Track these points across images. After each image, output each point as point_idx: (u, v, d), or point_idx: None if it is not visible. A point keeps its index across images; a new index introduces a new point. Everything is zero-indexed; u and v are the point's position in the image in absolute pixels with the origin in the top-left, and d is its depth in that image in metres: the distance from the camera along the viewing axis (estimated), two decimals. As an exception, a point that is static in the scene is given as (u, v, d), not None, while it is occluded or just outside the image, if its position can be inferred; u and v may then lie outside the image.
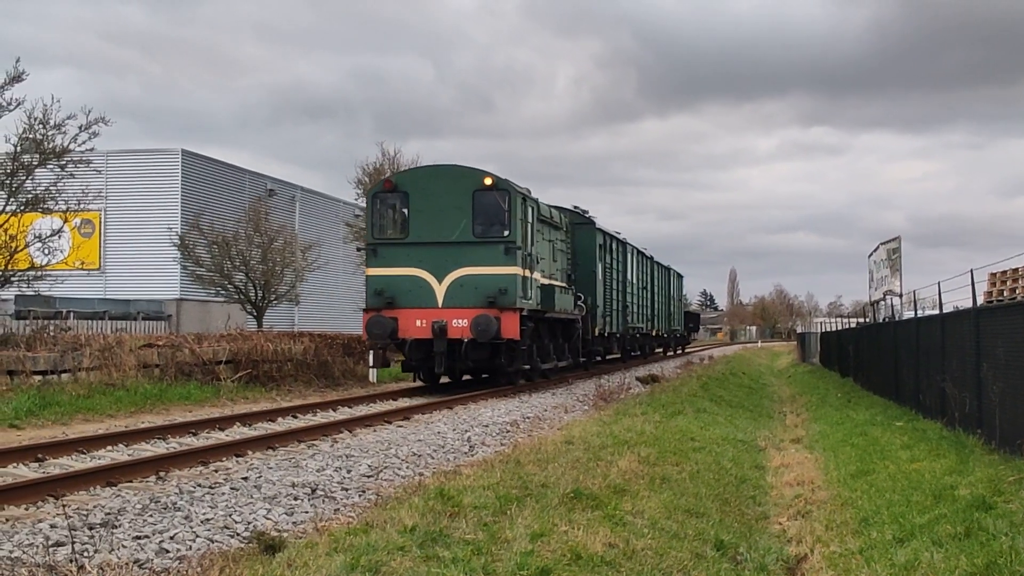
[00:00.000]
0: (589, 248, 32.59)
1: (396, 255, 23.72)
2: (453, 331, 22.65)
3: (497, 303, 22.67)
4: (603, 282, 33.94)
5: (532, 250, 24.88)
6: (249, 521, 9.58)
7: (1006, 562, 7.51)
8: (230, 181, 52.71)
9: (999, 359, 13.75)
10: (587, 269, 32.11)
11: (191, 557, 8.05)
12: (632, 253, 40.64)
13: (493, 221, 23.68)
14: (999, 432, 13.38)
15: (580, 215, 33.08)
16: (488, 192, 23.55)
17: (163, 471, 12.27)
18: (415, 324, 22.95)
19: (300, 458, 13.43)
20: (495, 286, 22.86)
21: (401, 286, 23.34)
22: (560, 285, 28.23)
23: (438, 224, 23.54)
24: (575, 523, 9.08)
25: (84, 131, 27.24)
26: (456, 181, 23.84)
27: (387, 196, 24.56)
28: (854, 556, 8.99)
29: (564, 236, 30.11)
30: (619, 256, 37.53)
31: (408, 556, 7.64)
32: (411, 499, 9.82)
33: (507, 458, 12.90)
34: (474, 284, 23.03)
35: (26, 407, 17.95)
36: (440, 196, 23.67)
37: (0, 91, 26.30)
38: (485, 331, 22.08)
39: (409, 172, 25.82)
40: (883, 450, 15.07)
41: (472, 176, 23.94)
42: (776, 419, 24.43)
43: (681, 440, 15.94)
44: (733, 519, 11.34)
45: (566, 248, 30.43)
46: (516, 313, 22.81)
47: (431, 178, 24.30)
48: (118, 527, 9.05)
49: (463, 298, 22.95)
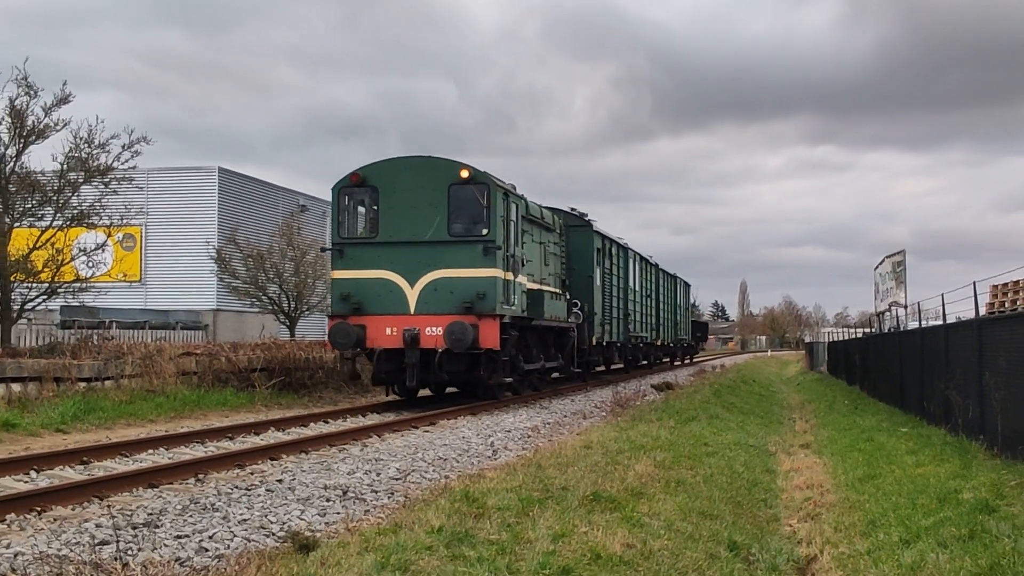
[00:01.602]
0: (586, 252, 29.27)
1: (364, 256, 20.66)
2: (426, 340, 19.70)
3: (475, 309, 19.70)
4: (602, 288, 30.72)
5: (516, 251, 21.72)
6: (284, 521, 9.61)
7: (1009, 563, 7.47)
8: (264, 197, 53.10)
9: (1001, 368, 13.67)
10: (583, 274, 28.98)
11: (229, 556, 8.08)
12: (634, 259, 37.48)
13: (471, 218, 20.48)
14: (1001, 438, 13.31)
15: (576, 217, 29.76)
16: (465, 186, 20.29)
17: (202, 473, 12.35)
18: (385, 332, 19.99)
19: (331, 461, 13.46)
20: (472, 290, 19.85)
21: (370, 290, 20.38)
22: (551, 290, 25.20)
23: (410, 222, 20.41)
24: (594, 524, 9.07)
25: (127, 150, 27.67)
26: (430, 174, 20.62)
27: (354, 191, 21.33)
28: (862, 557, 8.96)
29: (557, 239, 27.12)
30: (620, 262, 34.41)
31: (435, 555, 7.65)
32: (438, 501, 9.82)
33: (529, 462, 12.89)
34: (450, 288, 20.01)
35: (72, 412, 18.04)
36: (413, 191, 20.52)
37: (48, 112, 26.64)
38: (460, 340, 19.12)
39: (378, 164, 21.24)
40: (889, 455, 15.01)
41: (447, 168, 20.66)
42: (786, 425, 24.33)
43: (695, 445, 15.89)
44: (745, 521, 11.30)
45: (559, 251, 27.42)
46: (496, 320, 19.78)
47: (403, 171, 20.94)
48: (160, 527, 9.10)
49: (437, 303, 19.98)
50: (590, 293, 28.89)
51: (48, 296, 28.08)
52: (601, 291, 30.46)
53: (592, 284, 29.23)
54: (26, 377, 20.07)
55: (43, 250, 27.68)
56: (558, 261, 27.04)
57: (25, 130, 26.64)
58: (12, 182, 26.80)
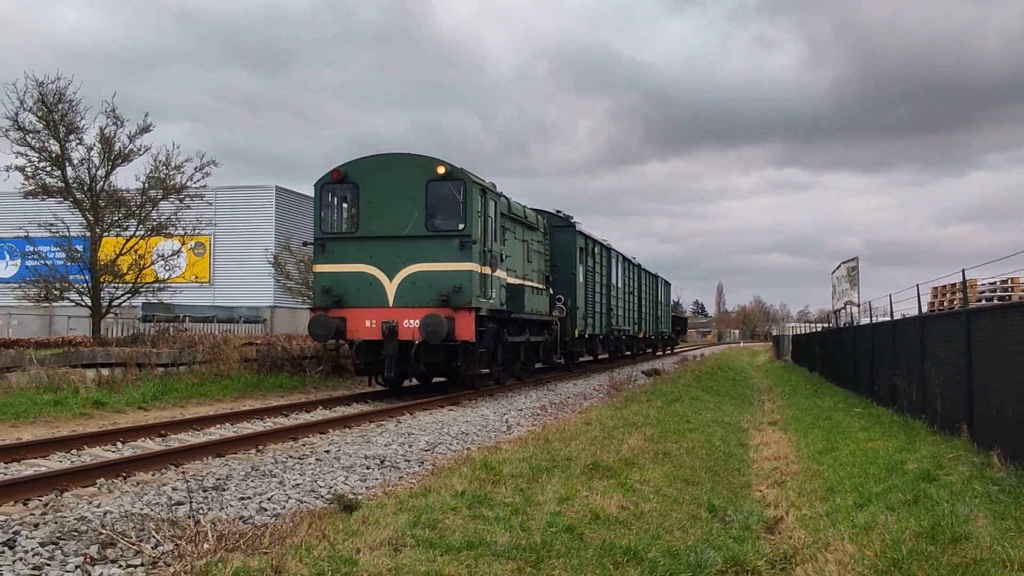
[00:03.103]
0: (569, 250, 26.78)
1: (345, 251, 18.42)
2: (404, 332, 17.60)
3: (451, 302, 17.55)
4: (584, 284, 28.20)
5: (494, 247, 19.28)
6: (330, 486, 9.63)
7: (947, 524, 7.43)
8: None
9: (940, 358, 13.62)
10: (567, 271, 26.50)
11: (285, 515, 8.10)
12: (617, 258, 35.02)
13: (447, 213, 18.14)
14: (940, 418, 13.25)
15: (560, 217, 27.22)
16: (442, 182, 18.01)
17: (261, 445, 12.38)
18: (364, 324, 17.91)
19: (371, 435, 13.47)
20: (449, 283, 17.64)
21: (350, 284, 18.20)
22: (533, 285, 22.92)
23: (389, 217, 18.22)
24: (594, 489, 9.05)
25: (198, 171, 27.86)
26: (409, 171, 18.32)
27: (336, 187, 18.85)
28: (821, 518, 8.91)
29: (541, 237, 24.80)
30: (603, 260, 31.78)
31: (459, 515, 7.64)
32: (461, 469, 9.81)
33: (538, 436, 12.88)
34: (427, 281, 17.81)
35: (151, 393, 18.11)
36: (392, 187, 18.27)
37: (132, 139, 26.85)
38: (435, 332, 16.98)
39: (360, 161, 18.82)
40: (844, 431, 14.94)
41: (425, 165, 18.30)
42: (756, 405, 24.23)
43: (679, 422, 15.85)
44: (722, 487, 11.27)
45: (543, 249, 24.98)
46: (471, 313, 17.62)
47: (382, 168, 18.57)
48: (226, 490, 9.13)
49: (415, 297, 17.82)
50: (573, 289, 26.64)
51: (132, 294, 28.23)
52: (584, 287, 28.22)
53: (575, 280, 26.91)
54: (113, 363, 20.18)
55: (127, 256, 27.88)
56: (542, 258, 24.74)
57: (113, 154, 26.84)
58: (102, 198, 27.05)
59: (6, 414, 14.97)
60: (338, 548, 6.34)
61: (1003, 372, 10.43)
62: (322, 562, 5.95)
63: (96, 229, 27.15)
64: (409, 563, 6.12)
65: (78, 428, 14.17)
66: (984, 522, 7.41)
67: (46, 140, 26.41)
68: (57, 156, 26.53)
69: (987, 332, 11.28)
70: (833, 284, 43.00)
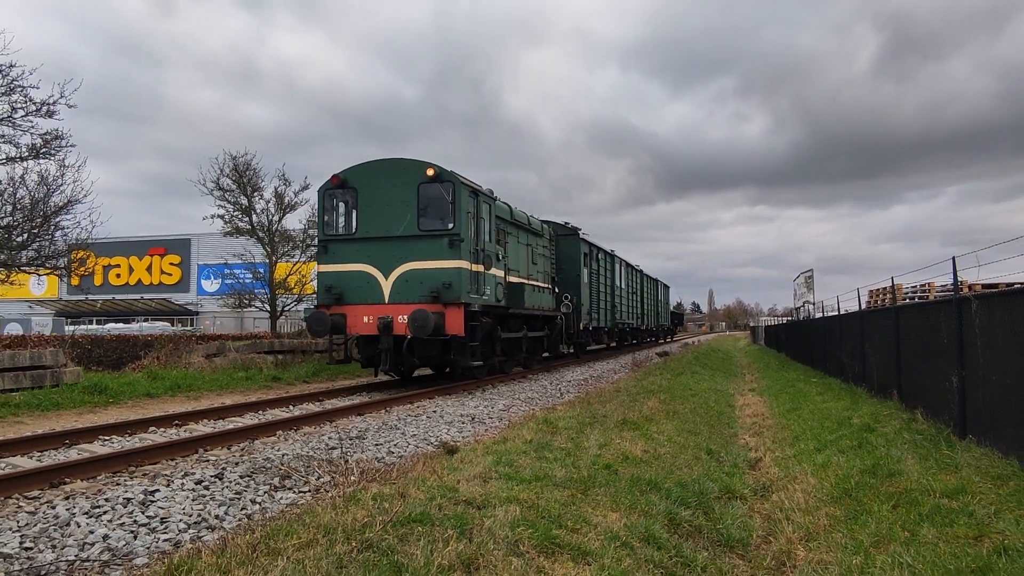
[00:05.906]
0: (574, 255, 22.88)
1: (345, 251, 14.89)
2: (398, 327, 14.21)
3: (442, 298, 14.03)
4: (588, 284, 24.20)
5: (488, 246, 15.50)
6: (437, 435, 9.65)
7: (884, 463, 7.22)
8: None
9: (875, 342, 13.24)
10: (572, 273, 22.65)
11: (406, 456, 8.17)
12: (621, 264, 30.89)
13: (437, 214, 14.50)
14: (876, 385, 12.86)
15: (565, 227, 23.31)
16: (432, 184, 14.42)
17: (389, 407, 12.47)
18: (363, 320, 14.52)
19: (465, 400, 13.53)
20: (439, 280, 14.11)
21: (350, 282, 14.75)
22: (536, 284, 19.14)
23: (385, 219, 14.67)
24: (624, 438, 8.97)
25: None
26: (401, 174, 14.70)
27: (336, 192, 15.22)
28: (790, 459, 8.72)
29: (547, 242, 20.84)
30: (607, 265, 27.78)
31: (528, 456, 7.63)
32: (528, 424, 9.79)
33: (583, 400, 12.81)
34: (419, 279, 14.31)
35: (311, 371, 18.43)
36: (387, 190, 14.78)
37: (296, 195, 27.54)
38: (422, 327, 13.33)
39: (358, 167, 15.26)
40: (805, 396, 14.57)
41: (417, 168, 14.63)
42: (739, 377, 23.72)
43: (684, 390, 15.61)
44: (716, 436, 11.08)
45: (549, 254, 21.00)
46: (460, 308, 14.00)
47: (378, 173, 14.95)
48: (365, 439, 9.24)
49: (408, 293, 14.36)
50: (578, 288, 22.77)
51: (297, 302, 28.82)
52: (588, 287, 24.26)
53: (580, 281, 23.03)
54: (285, 350, 20.57)
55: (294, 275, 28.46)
56: (547, 261, 20.72)
57: (283, 205, 27.52)
58: (276, 236, 27.70)
59: (214, 386, 15.38)
60: (444, 479, 6.38)
61: (922, 352, 10.13)
62: (433, 490, 5.99)
63: (273, 257, 27.84)
64: (494, 491, 6.13)
65: (262, 396, 14.49)
66: (912, 462, 7.18)
67: (238, 196, 27.30)
68: (246, 207, 27.35)
69: (910, 323, 10.95)
70: (794, 289, 42.09)
